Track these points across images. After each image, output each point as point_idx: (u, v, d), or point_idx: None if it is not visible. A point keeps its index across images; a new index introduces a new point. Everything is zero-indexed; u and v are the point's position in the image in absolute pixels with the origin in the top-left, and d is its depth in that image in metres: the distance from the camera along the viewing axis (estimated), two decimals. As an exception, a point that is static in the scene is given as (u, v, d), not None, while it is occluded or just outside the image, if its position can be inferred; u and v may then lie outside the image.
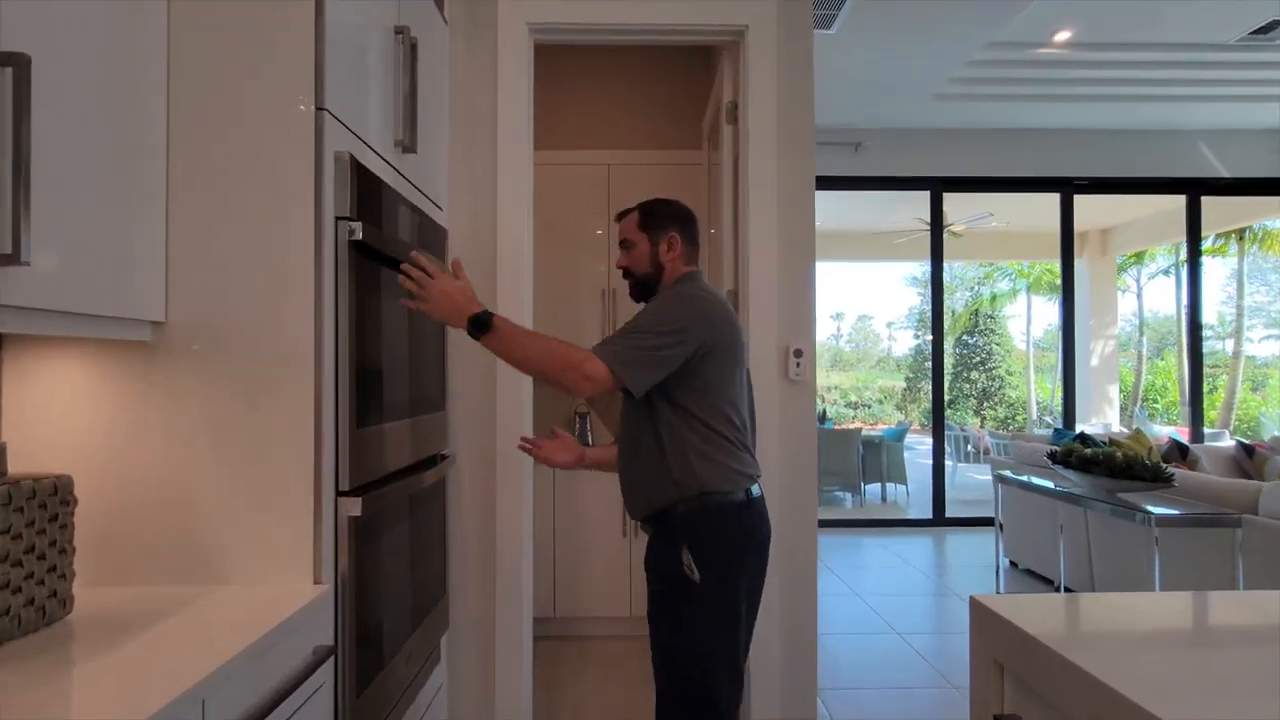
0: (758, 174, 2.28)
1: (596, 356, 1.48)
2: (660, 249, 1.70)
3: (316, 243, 1.29)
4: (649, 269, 1.70)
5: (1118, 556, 3.59)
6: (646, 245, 1.70)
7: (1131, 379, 11.77)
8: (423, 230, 1.86)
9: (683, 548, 1.52)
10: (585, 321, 3.65)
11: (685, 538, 1.53)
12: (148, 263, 1.24)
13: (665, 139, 3.80)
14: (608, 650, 3.28)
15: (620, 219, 1.77)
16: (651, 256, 1.70)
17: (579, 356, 1.49)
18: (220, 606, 1.21)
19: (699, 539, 1.53)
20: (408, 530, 1.75)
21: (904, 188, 5.87)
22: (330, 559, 1.31)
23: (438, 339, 2.02)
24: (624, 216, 1.77)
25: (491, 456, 2.26)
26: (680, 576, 1.52)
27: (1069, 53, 4.52)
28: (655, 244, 1.70)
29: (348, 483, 1.34)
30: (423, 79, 1.91)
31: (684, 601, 1.53)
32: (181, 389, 1.29)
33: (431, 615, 1.94)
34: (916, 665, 3.15)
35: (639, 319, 1.57)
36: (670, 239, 1.70)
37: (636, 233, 1.71)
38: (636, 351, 1.50)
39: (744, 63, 2.30)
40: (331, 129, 1.33)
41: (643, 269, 1.71)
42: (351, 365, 1.36)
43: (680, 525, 1.54)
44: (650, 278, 1.71)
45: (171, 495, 1.28)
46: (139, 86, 1.21)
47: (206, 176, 1.29)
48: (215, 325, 1.29)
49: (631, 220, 1.73)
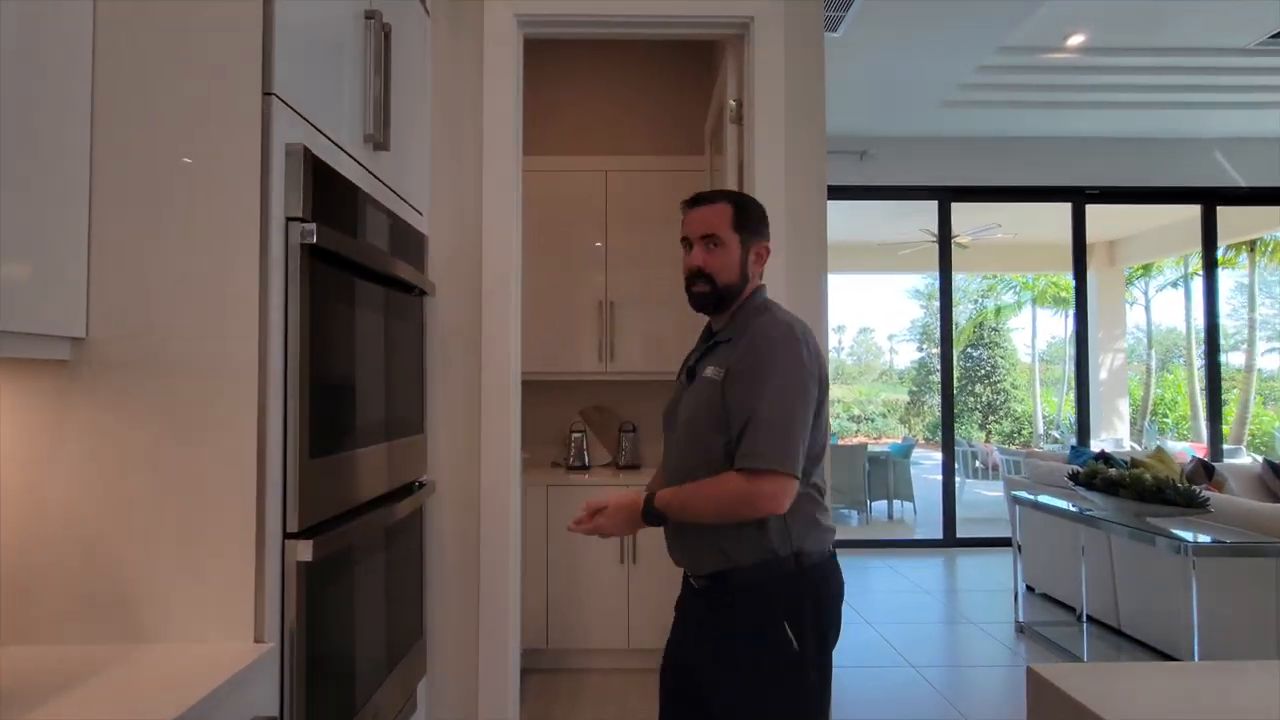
0: (765, 178, 2.11)
1: (760, 474, 1.25)
2: (750, 258, 1.43)
3: (262, 246, 1.13)
4: (735, 279, 1.41)
5: (1145, 584, 3.39)
6: (738, 250, 1.41)
7: (1139, 393, 11.58)
8: (398, 236, 1.69)
9: (780, 614, 1.30)
10: (581, 336, 3.48)
11: (783, 603, 1.31)
12: (66, 270, 1.08)
13: (665, 143, 3.64)
14: (604, 684, 3.08)
15: (697, 204, 1.44)
16: (742, 264, 1.42)
17: (746, 489, 1.26)
18: (144, 670, 1.03)
19: (796, 604, 1.31)
20: (379, 567, 1.57)
21: (911, 197, 5.71)
22: (275, 613, 1.13)
23: (415, 355, 1.85)
24: (703, 203, 1.43)
25: (475, 482, 2.08)
26: (776, 646, 1.30)
27: (1082, 58, 4.38)
28: (747, 250, 1.42)
29: (297, 523, 1.16)
30: (399, 72, 1.75)
31: (780, 673, 1.31)
32: (104, 415, 1.12)
33: (406, 661, 1.75)
34: (933, 702, 2.95)
35: (757, 389, 1.28)
36: (762, 250, 1.45)
37: (729, 231, 1.41)
38: (789, 441, 1.27)
39: (749, 58, 2.14)
40: (282, 118, 1.17)
41: (729, 278, 1.41)
42: (304, 386, 1.18)
43: (776, 589, 1.32)
44: (733, 290, 1.42)
45: (90, 539, 1.11)
46: (57, 70, 1.04)
47: (136, 172, 1.12)
48: (144, 341, 1.12)
49: (723, 213, 1.41)
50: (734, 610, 1.34)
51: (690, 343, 3.51)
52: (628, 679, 3.11)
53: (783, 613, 1.31)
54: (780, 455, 1.25)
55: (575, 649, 3.18)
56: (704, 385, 1.38)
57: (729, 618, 1.34)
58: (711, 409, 1.35)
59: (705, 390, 1.37)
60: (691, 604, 1.45)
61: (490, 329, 2.08)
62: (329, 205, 1.29)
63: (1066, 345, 12.93)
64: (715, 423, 1.34)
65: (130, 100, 1.12)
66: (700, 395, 1.38)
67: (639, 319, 3.46)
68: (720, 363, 1.37)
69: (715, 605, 1.37)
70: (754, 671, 1.31)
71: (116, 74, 1.12)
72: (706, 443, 1.35)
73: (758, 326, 1.36)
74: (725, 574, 1.34)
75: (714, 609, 1.37)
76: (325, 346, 1.27)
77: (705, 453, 1.35)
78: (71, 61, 1.08)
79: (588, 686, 3.06)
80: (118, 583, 1.11)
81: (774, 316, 1.38)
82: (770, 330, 1.34)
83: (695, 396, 1.40)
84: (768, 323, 1.36)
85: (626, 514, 1.37)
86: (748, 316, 1.41)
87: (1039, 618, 3.93)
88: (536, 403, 3.60)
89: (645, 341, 3.47)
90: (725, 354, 1.38)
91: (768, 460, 1.25)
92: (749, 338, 1.35)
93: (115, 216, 1.12)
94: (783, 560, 1.32)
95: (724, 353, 1.38)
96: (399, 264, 1.60)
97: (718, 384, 1.35)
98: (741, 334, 1.38)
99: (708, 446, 1.35)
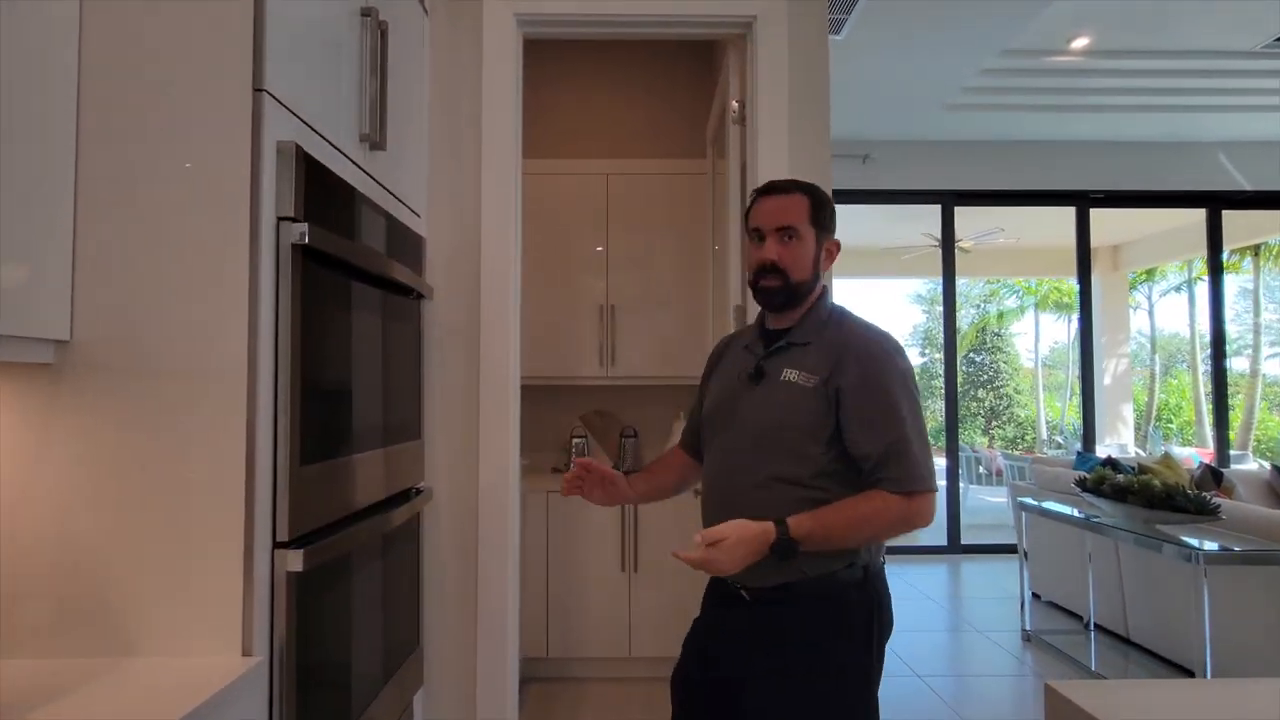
0: (769, 179, 2.07)
1: (912, 490, 1.25)
2: (822, 255, 1.38)
3: (252, 246, 1.09)
4: (808, 276, 1.35)
5: (1154, 592, 3.35)
6: (813, 245, 1.35)
7: (1144, 398, 11.52)
8: (395, 238, 1.66)
9: (850, 625, 1.28)
10: (581, 341, 3.44)
11: (853, 614, 1.29)
12: (49, 271, 1.04)
13: (667, 146, 3.62)
14: (605, 694, 3.03)
15: (771, 193, 1.37)
16: (814, 261, 1.36)
17: (908, 511, 1.25)
18: (126, 685, 0.99)
19: (865, 614, 1.29)
20: (374, 576, 1.53)
21: (914, 201, 5.68)
22: (264, 625, 1.10)
23: (412, 358, 1.82)
24: (778, 192, 1.36)
25: (473, 488, 2.04)
26: (846, 657, 1.28)
27: (1086, 60, 4.35)
28: (821, 246, 1.37)
29: (287, 531, 1.13)
30: (396, 70, 1.72)
31: (846, 684, 1.28)
32: (89, 420, 1.08)
33: (402, 671, 1.71)
34: (940, 713, 2.90)
35: (894, 413, 1.26)
36: (832, 247, 1.40)
37: (806, 224, 1.34)
38: (930, 458, 1.28)
39: (752, 58, 2.11)
40: (274, 115, 1.13)
41: (803, 274, 1.34)
42: (295, 390, 1.15)
43: (846, 600, 1.29)
44: (804, 287, 1.35)
45: (74, 548, 1.07)
46: (40, 64, 1.01)
47: (122, 170, 1.09)
48: (130, 344, 1.09)
49: (800, 204, 1.34)
50: (799, 624, 1.29)
51: (691, 346, 3.49)
52: (629, 688, 3.06)
53: (854, 622, 1.28)
54: (929, 474, 1.27)
55: (575, 657, 3.14)
56: (788, 390, 1.32)
57: (792, 632, 1.29)
58: (809, 416, 1.29)
59: (794, 396, 1.31)
60: (729, 616, 1.37)
61: (489, 333, 2.05)
62: (322, 205, 1.25)
63: (1069, 350, 12.88)
64: (814, 432, 1.29)
65: (117, 96, 1.09)
66: (783, 400, 1.32)
67: (640, 323, 3.43)
68: (808, 368, 1.31)
69: (770, 619, 1.31)
70: (819, 687, 1.26)
71: (103, 68, 1.09)
72: (799, 450, 1.29)
73: (857, 341, 1.32)
74: (790, 585, 1.29)
75: (768, 623, 1.31)
76: (318, 350, 1.24)
77: (795, 461, 1.29)
78: (56, 55, 1.06)
79: (588, 696, 3.01)
80: (101, 594, 1.07)
81: (864, 328, 1.36)
82: (874, 348, 1.31)
83: (775, 399, 1.33)
84: (868, 338, 1.33)
85: (750, 547, 1.21)
86: (824, 321, 1.36)
87: (1046, 626, 3.88)
88: (536, 407, 3.56)
89: (647, 346, 3.43)
90: (815, 360, 1.31)
91: (924, 481, 1.26)
92: (854, 354, 1.30)
93: (100, 215, 1.09)
94: (852, 571, 1.29)
95: (809, 359, 1.32)
96: (395, 266, 1.57)
97: (810, 390, 1.29)
98: (828, 341, 1.33)
99: (800, 454, 1.29)
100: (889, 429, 1.26)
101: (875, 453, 1.26)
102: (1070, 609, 4.06)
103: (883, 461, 1.26)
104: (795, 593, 1.29)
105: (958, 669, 3.45)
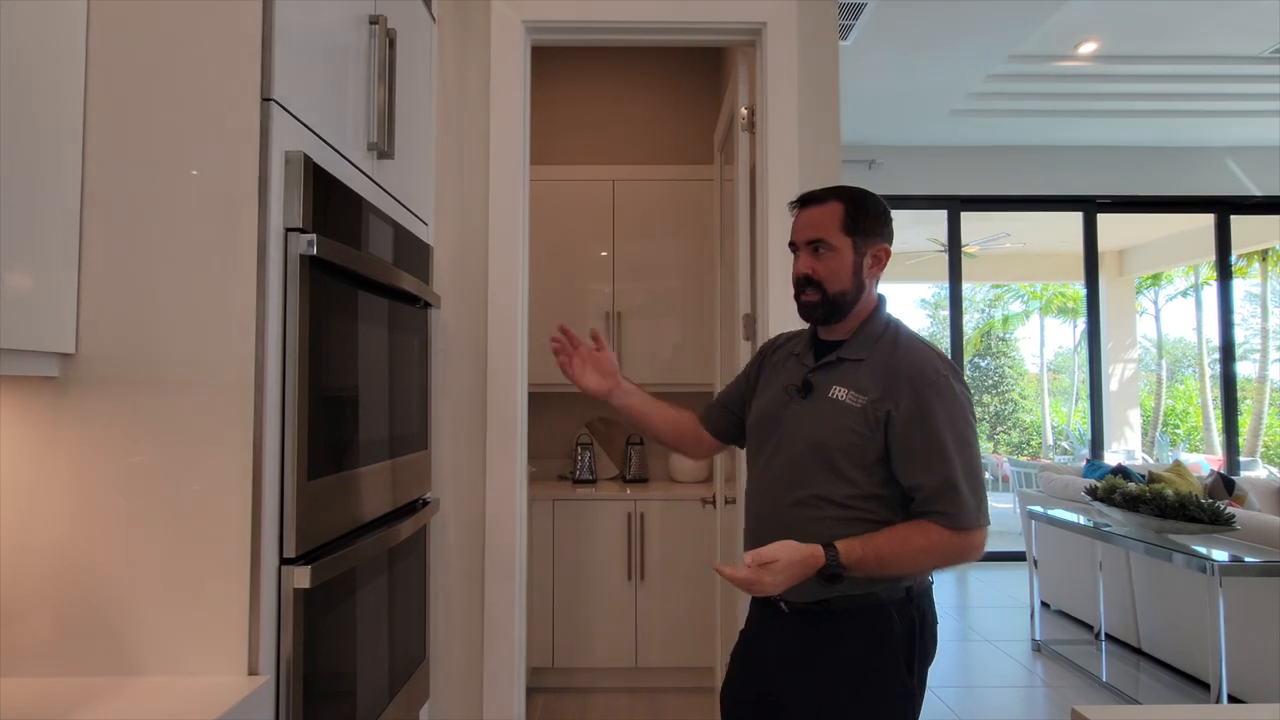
0: (778, 186, 2.06)
1: (964, 528, 1.22)
2: (866, 263, 1.31)
3: (260, 257, 1.08)
4: (848, 287, 1.30)
5: (1166, 602, 3.31)
6: (851, 255, 1.30)
7: (1150, 403, 11.46)
8: (402, 247, 1.64)
9: (892, 643, 1.25)
10: (588, 346, 3.42)
11: (895, 633, 1.25)
12: (54, 283, 1.03)
13: (674, 153, 3.60)
14: (611, 704, 3.00)
15: (805, 205, 1.34)
16: (855, 271, 1.30)
17: (961, 546, 1.23)
18: (130, 706, 0.97)
19: (908, 633, 1.26)
20: (381, 590, 1.51)
21: (921, 206, 5.66)
22: (271, 643, 1.08)
23: (419, 368, 1.80)
24: (812, 203, 1.33)
25: (480, 498, 2.02)
26: (888, 676, 1.25)
27: (1094, 65, 4.34)
28: (862, 255, 1.31)
29: (294, 548, 1.10)
30: (404, 78, 1.71)
31: (890, 704, 1.25)
32: (95, 433, 1.06)
33: (409, 686, 1.69)
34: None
35: (944, 447, 1.21)
36: (880, 253, 1.32)
37: (839, 235, 1.30)
38: (984, 492, 1.25)
39: (761, 64, 2.09)
40: (282, 124, 1.12)
41: (841, 285, 1.30)
42: (303, 404, 1.13)
43: (888, 618, 1.26)
44: (846, 299, 1.31)
45: (77, 564, 1.05)
46: (47, 73, 1.00)
47: (129, 179, 1.08)
48: (136, 357, 1.07)
49: (834, 214, 1.30)
50: (838, 640, 1.27)
51: (698, 354, 3.48)
52: (635, 699, 3.04)
53: (895, 642, 1.25)
54: (983, 509, 1.24)
55: (582, 667, 3.11)
56: (835, 408, 1.29)
57: (831, 648, 1.27)
58: (850, 435, 1.26)
59: (839, 415, 1.28)
60: (772, 629, 1.35)
61: (496, 341, 2.03)
62: (330, 215, 1.24)
63: (1075, 355, 12.83)
64: (859, 454, 1.26)
65: (123, 105, 1.08)
66: (830, 417, 1.29)
67: (647, 330, 3.41)
68: (859, 387, 1.28)
69: (811, 633, 1.29)
70: (861, 705, 1.24)
71: (110, 78, 1.08)
72: (836, 467, 1.27)
73: (911, 363, 1.27)
74: (830, 601, 1.26)
75: (809, 638, 1.29)
76: (326, 362, 1.22)
77: (834, 475, 1.27)
78: (63, 64, 1.04)
79: (594, 706, 2.98)
80: (105, 611, 1.05)
81: (920, 348, 1.30)
82: (928, 372, 1.25)
83: (822, 416, 1.30)
84: (922, 362, 1.27)
85: (799, 570, 1.19)
86: (879, 337, 1.32)
87: (1055, 635, 3.84)
88: (542, 415, 3.54)
89: (653, 353, 3.41)
90: (866, 379, 1.28)
91: (977, 518, 1.23)
92: (906, 377, 1.25)
93: (106, 226, 1.07)
94: (894, 590, 1.26)
95: (860, 377, 1.29)
96: (403, 275, 1.55)
97: (857, 411, 1.26)
98: (881, 360, 1.29)
99: (838, 471, 1.27)
100: (940, 464, 1.22)
101: (927, 485, 1.23)
102: (1080, 618, 4.03)
103: (934, 496, 1.22)
104: (834, 609, 1.27)
105: (967, 679, 3.41)
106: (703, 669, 3.04)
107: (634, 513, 3.11)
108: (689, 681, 3.07)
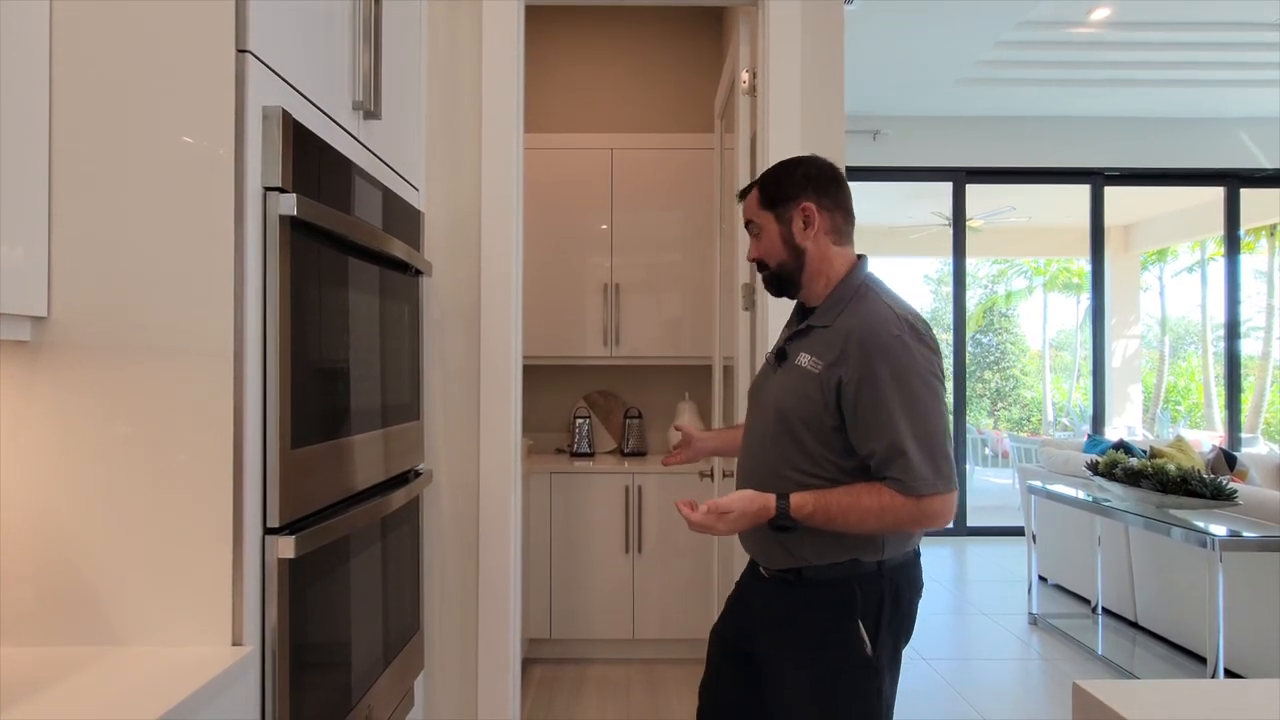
0: (779, 153, 1.99)
1: (918, 494, 1.19)
2: (794, 228, 1.33)
3: (237, 217, 1.04)
4: (785, 257, 1.35)
5: (1164, 576, 3.31)
6: (775, 226, 1.35)
7: (1152, 380, 11.42)
8: (392, 211, 1.60)
9: (856, 616, 1.25)
10: (586, 320, 3.38)
11: (859, 605, 1.26)
12: (24, 242, 0.99)
13: (674, 120, 3.53)
14: (608, 675, 3.02)
15: (741, 198, 1.45)
16: (785, 240, 1.34)
17: (915, 512, 1.20)
18: (112, 676, 0.96)
19: (874, 606, 1.26)
20: (373, 560, 1.49)
21: (926, 178, 5.58)
22: (255, 614, 1.06)
23: (411, 337, 1.76)
24: (745, 195, 1.43)
25: (474, 470, 2.00)
26: (849, 647, 1.25)
27: (1106, 32, 4.23)
28: (787, 223, 1.34)
29: (278, 517, 1.08)
30: (392, 36, 1.65)
31: (851, 674, 1.26)
32: (70, 401, 1.03)
33: (402, 656, 1.68)
34: (945, 696, 2.88)
35: (891, 412, 1.19)
36: (804, 211, 1.33)
37: (760, 212, 1.37)
38: (942, 459, 1.21)
39: (763, 25, 2.02)
40: (258, 78, 1.07)
41: (779, 257, 1.35)
42: (285, 369, 1.10)
43: (853, 590, 1.26)
44: (789, 268, 1.35)
45: (55, 534, 1.03)
46: (9, 25, 0.95)
47: (98, 136, 1.03)
48: (111, 320, 1.04)
49: (754, 196, 1.39)
50: (806, 607, 1.29)
51: (697, 326, 3.44)
52: (632, 670, 3.05)
53: (859, 614, 1.25)
54: (938, 475, 1.20)
55: (579, 639, 3.12)
56: (797, 375, 1.29)
57: (800, 614, 1.30)
58: (807, 403, 1.26)
59: (800, 381, 1.28)
60: (755, 588, 1.41)
61: (490, 311, 1.99)
62: (312, 175, 1.19)
63: (1077, 331, 12.76)
64: (810, 419, 1.26)
65: (91, 58, 1.03)
66: (793, 385, 1.30)
67: (645, 302, 3.37)
68: (818, 353, 1.27)
69: (784, 597, 1.32)
70: (822, 671, 1.27)
71: (76, 30, 1.03)
72: (797, 436, 1.28)
73: (863, 325, 1.24)
74: (800, 570, 1.29)
75: (782, 601, 1.33)
76: (310, 328, 1.19)
77: (796, 444, 1.28)
78: (26, 17, 0.99)
79: (591, 677, 3.00)
80: (85, 581, 1.03)
81: (878, 309, 1.26)
82: (880, 333, 1.22)
83: (788, 384, 1.31)
84: (875, 322, 1.24)
85: (752, 519, 1.26)
86: (845, 300, 1.30)
87: (1052, 609, 3.85)
88: (539, 388, 3.52)
89: (652, 325, 3.38)
90: (825, 345, 1.27)
91: (931, 485, 1.20)
92: (857, 340, 1.23)
93: (77, 185, 1.03)
94: (864, 564, 1.26)
95: (822, 343, 1.28)
96: (392, 241, 1.51)
97: (815, 377, 1.26)
98: (841, 324, 1.27)
99: (799, 441, 1.28)
100: (888, 429, 1.20)
101: (878, 451, 1.22)
102: (1077, 593, 4.04)
103: (885, 462, 1.21)
104: (804, 577, 1.30)
105: (963, 652, 3.43)
106: (699, 641, 3.03)
107: (631, 486, 3.09)
108: (685, 653, 3.08)
